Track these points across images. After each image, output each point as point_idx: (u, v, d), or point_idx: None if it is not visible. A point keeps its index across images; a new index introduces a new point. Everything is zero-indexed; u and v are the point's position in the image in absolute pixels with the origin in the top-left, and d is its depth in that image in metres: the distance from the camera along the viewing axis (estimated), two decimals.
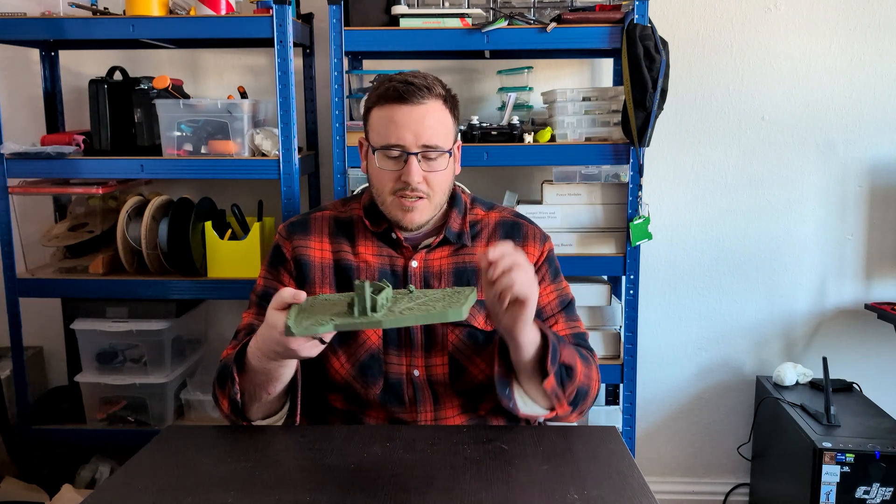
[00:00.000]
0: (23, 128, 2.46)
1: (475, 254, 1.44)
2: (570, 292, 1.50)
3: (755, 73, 2.42)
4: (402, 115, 1.35)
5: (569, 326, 1.46)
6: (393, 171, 1.37)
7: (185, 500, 1.04)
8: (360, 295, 1.13)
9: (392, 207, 1.39)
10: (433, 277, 1.43)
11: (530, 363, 1.28)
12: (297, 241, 1.47)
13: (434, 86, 1.37)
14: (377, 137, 1.38)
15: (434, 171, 1.38)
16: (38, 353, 2.58)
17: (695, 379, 2.59)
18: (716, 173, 2.48)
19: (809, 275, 2.51)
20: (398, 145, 1.35)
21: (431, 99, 1.36)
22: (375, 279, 1.42)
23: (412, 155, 1.35)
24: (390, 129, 1.35)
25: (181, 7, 2.17)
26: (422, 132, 1.34)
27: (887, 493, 2.00)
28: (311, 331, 1.12)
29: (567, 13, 2.04)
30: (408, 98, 1.34)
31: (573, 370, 1.33)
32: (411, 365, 1.40)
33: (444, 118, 1.38)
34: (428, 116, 1.35)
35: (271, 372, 1.27)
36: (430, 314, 1.13)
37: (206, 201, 2.29)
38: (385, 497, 1.03)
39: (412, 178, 1.35)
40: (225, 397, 1.33)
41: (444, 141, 1.37)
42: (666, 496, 2.59)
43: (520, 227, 1.50)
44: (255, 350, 1.27)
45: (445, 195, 1.43)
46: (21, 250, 2.35)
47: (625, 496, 1.04)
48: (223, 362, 1.36)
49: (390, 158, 1.37)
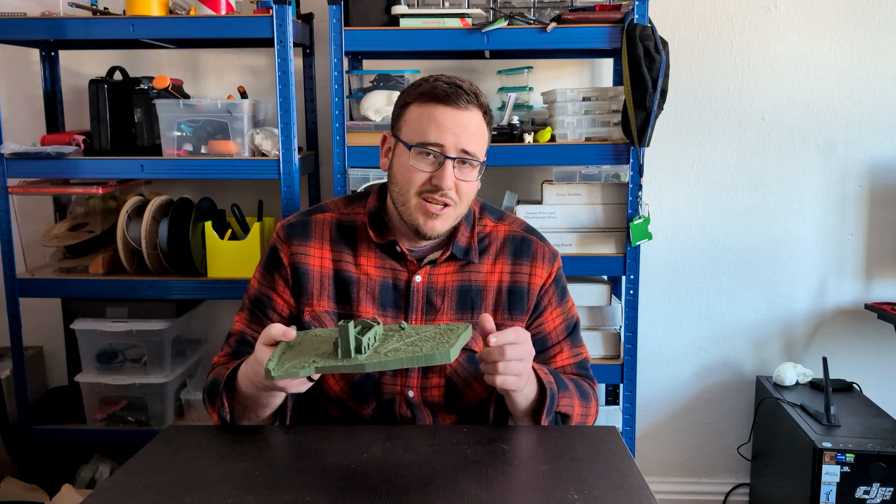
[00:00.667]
0: (23, 128, 2.46)
1: (482, 272, 1.41)
2: (575, 312, 1.48)
3: (755, 73, 2.42)
4: (445, 116, 1.30)
5: (572, 354, 1.45)
6: (425, 173, 1.31)
7: (185, 500, 1.04)
8: (344, 336, 1.11)
9: (415, 210, 1.33)
10: (436, 294, 1.38)
11: (526, 413, 1.30)
12: (295, 246, 1.40)
13: (479, 95, 1.34)
14: (414, 134, 1.32)
15: (466, 180, 1.33)
16: (38, 353, 2.58)
17: (695, 379, 2.59)
18: (716, 173, 2.48)
19: (809, 275, 2.51)
20: (438, 145, 1.30)
21: (475, 107, 1.32)
22: (376, 293, 1.38)
23: (449, 159, 1.30)
24: (431, 128, 1.30)
25: (181, 7, 2.17)
26: (463, 137, 1.30)
27: (887, 493, 2.00)
28: (291, 374, 1.11)
29: (567, 13, 2.04)
30: (455, 101, 1.30)
31: (569, 417, 1.35)
32: (406, 386, 1.37)
33: (483, 129, 1.35)
34: (471, 123, 1.31)
35: (260, 399, 1.26)
36: (416, 357, 1.09)
37: (206, 201, 2.29)
38: (385, 497, 1.03)
39: (445, 183, 1.29)
40: (214, 412, 1.32)
41: (480, 151, 1.34)
42: (666, 496, 2.59)
43: (529, 245, 1.44)
44: (244, 378, 1.26)
45: (467, 207, 1.38)
46: (21, 250, 2.35)
47: (625, 496, 1.04)
48: (213, 378, 1.34)
49: (425, 158, 1.31)
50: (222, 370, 1.33)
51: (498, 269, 1.42)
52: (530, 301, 1.41)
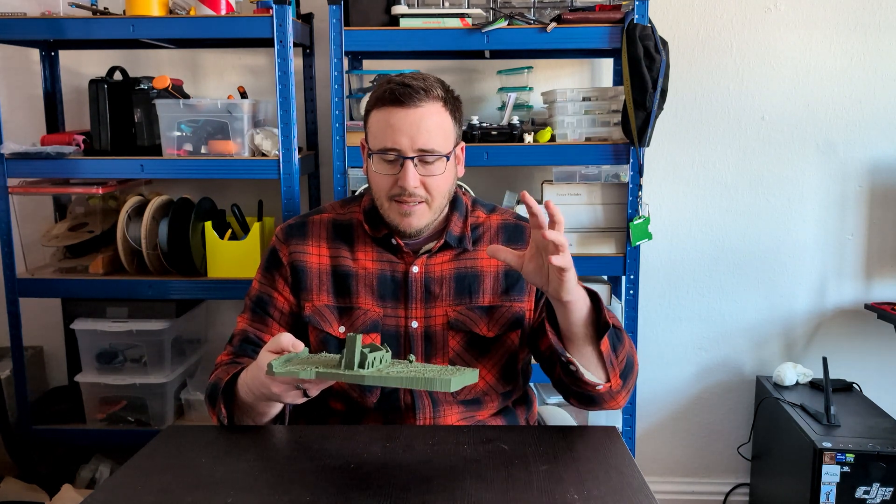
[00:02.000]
0: (23, 128, 2.46)
1: (477, 258, 1.43)
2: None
3: (755, 73, 2.42)
4: (398, 118, 1.31)
5: None
6: (390, 176, 1.34)
7: (185, 500, 1.04)
8: (350, 348, 1.12)
9: (390, 212, 1.37)
10: (434, 283, 1.41)
11: (582, 326, 1.25)
12: (293, 245, 1.44)
13: (432, 88, 1.33)
14: (374, 141, 1.36)
15: (431, 175, 1.34)
16: (38, 353, 2.58)
17: (695, 379, 2.59)
18: (716, 173, 2.48)
19: (809, 275, 2.51)
20: (394, 149, 1.32)
21: (429, 102, 1.32)
22: (375, 285, 1.40)
23: (408, 159, 1.32)
24: (387, 132, 1.32)
25: (181, 7, 2.17)
26: (418, 136, 1.31)
27: (887, 493, 2.00)
28: (292, 373, 1.13)
29: (567, 13, 2.04)
30: (404, 101, 1.31)
31: (621, 333, 1.31)
32: None
33: (442, 121, 1.34)
34: (425, 120, 1.32)
35: (257, 407, 1.28)
36: (416, 379, 1.10)
37: (206, 201, 2.29)
38: (385, 497, 1.03)
39: (408, 184, 1.32)
40: (214, 414, 1.33)
41: (442, 145, 1.34)
42: (666, 496, 2.59)
43: (522, 230, 1.48)
44: (244, 385, 1.27)
45: (445, 199, 1.40)
46: (21, 250, 2.35)
47: (625, 496, 1.04)
48: (214, 381, 1.35)
49: (387, 162, 1.34)
50: (223, 374, 1.34)
51: None
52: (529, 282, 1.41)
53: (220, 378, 1.34)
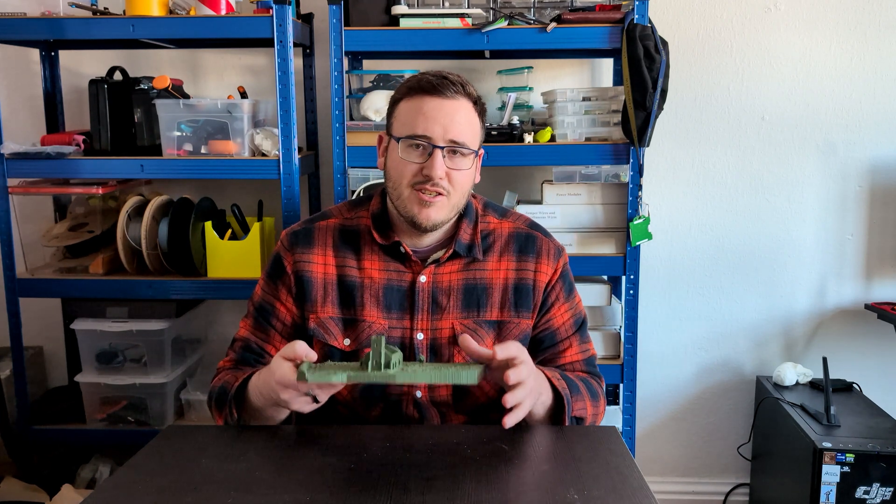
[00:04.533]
0: (23, 128, 2.47)
1: (487, 269, 1.41)
2: (583, 308, 1.48)
3: (755, 73, 2.42)
4: (432, 106, 1.31)
5: (581, 350, 1.44)
6: (415, 164, 1.32)
7: (185, 500, 1.04)
8: (376, 350, 1.13)
9: (409, 201, 1.33)
10: (442, 293, 1.38)
11: (543, 421, 1.31)
12: (298, 254, 1.40)
13: (467, 85, 1.34)
14: (403, 128, 1.33)
15: (458, 168, 1.33)
16: (38, 353, 2.58)
17: (695, 379, 2.59)
18: (716, 173, 2.48)
19: (809, 275, 2.51)
20: (425, 136, 1.30)
21: (463, 97, 1.33)
22: (381, 296, 1.38)
23: (438, 148, 1.30)
24: (418, 120, 1.31)
25: (181, 7, 2.17)
26: (451, 126, 1.30)
27: (887, 493, 2.00)
28: (325, 378, 1.14)
29: (567, 13, 2.04)
30: (441, 91, 1.31)
31: (583, 420, 1.36)
32: (413, 386, 1.37)
33: (473, 119, 1.35)
34: (459, 112, 1.31)
35: (265, 411, 1.28)
36: (444, 373, 1.14)
37: (206, 201, 2.29)
38: (385, 497, 1.03)
39: (435, 172, 1.29)
40: (221, 418, 1.34)
41: (471, 140, 1.34)
42: (666, 496, 2.59)
43: (534, 241, 1.43)
44: (255, 389, 1.27)
45: (464, 198, 1.38)
46: (21, 250, 2.35)
47: (625, 496, 1.04)
48: (221, 385, 1.34)
49: (414, 150, 1.32)
50: (231, 378, 1.34)
51: (503, 266, 1.41)
52: (536, 298, 1.41)
53: (228, 382, 1.33)
